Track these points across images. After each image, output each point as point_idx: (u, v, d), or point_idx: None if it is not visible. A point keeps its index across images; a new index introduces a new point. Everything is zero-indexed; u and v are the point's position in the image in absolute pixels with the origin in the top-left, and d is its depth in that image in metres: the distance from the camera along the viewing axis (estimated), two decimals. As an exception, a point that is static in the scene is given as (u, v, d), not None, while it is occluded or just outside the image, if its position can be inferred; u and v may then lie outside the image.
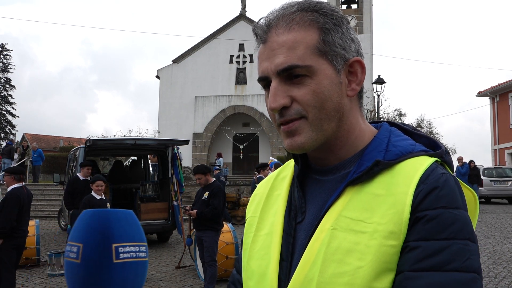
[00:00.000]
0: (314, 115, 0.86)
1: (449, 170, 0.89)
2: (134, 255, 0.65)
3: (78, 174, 9.49)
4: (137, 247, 0.66)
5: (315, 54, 0.86)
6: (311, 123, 0.87)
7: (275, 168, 6.59)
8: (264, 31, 0.89)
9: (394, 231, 0.79)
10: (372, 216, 0.81)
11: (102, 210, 0.66)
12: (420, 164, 0.84)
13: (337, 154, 0.92)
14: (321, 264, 0.82)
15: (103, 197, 7.09)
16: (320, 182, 0.94)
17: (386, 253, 0.78)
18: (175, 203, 10.65)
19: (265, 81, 0.90)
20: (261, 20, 0.91)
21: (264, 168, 10.14)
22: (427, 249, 0.76)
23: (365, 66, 0.92)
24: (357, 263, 0.79)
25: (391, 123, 0.98)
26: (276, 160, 12.55)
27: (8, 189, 5.78)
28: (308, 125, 0.87)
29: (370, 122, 0.99)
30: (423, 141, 0.94)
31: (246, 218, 1.06)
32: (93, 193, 6.98)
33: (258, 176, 10.55)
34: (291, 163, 1.04)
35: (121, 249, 0.64)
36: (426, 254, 0.76)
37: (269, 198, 1.01)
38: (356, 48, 0.91)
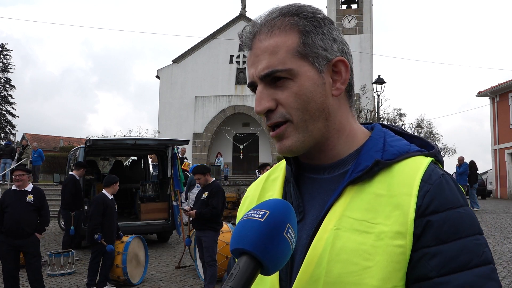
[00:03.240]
0: (298, 117, 0.88)
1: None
2: (293, 241, 0.78)
3: (73, 173, 9.51)
4: (294, 238, 0.79)
5: (296, 57, 0.88)
6: (296, 125, 0.89)
7: (193, 173, 6.76)
8: (249, 39, 0.92)
9: (400, 231, 0.81)
10: (376, 217, 0.83)
11: (288, 203, 0.82)
12: (420, 163, 0.86)
13: (330, 153, 0.94)
14: (326, 264, 0.83)
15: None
16: (316, 181, 0.94)
17: (394, 253, 0.80)
18: (174, 203, 10.64)
19: (252, 86, 0.93)
20: (247, 28, 0.93)
21: (263, 168, 10.12)
22: (448, 252, 0.79)
23: (349, 65, 0.93)
24: (364, 263, 0.80)
25: (383, 125, 1.00)
26: (195, 164, 12.69)
27: (29, 188, 6.25)
28: (293, 128, 0.89)
29: (360, 124, 1.00)
30: (415, 141, 0.96)
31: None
32: (105, 192, 7.02)
33: (257, 176, 10.53)
34: (281, 164, 1.05)
35: (290, 230, 0.77)
36: (448, 257, 0.79)
37: (261, 200, 1.02)
38: (340, 47, 0.92)
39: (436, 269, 0.78)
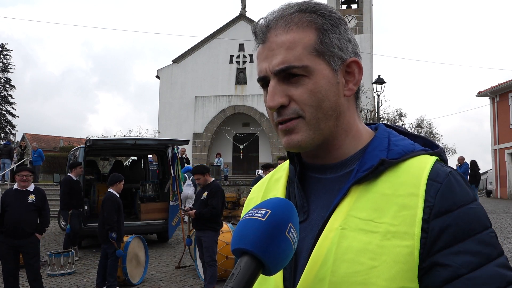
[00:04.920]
0: (311, 114, 0.88)
1: None
2: (295, 241, 0.77)
3: (70, 174, 9.49)
4: (296, 237, 0.78)
5: (313, 55, 0.87)
6: (308, 122, 0.88)
7: (193, 173, 6.79)
8: (263, 32, 0.90)
9: (407, 231, 0.80)
10: (382, 216, 0.82)
11: (290, 202, 0.81)
12: (425, 163, 0.86)
13: (335, 153, 0.93)
14: (332, 264, 0.82)
15: None
16: (321, 180, 0.94)
17: (401, 253, 0.79)
18: (171, 203, 10.63)
19: (263, 81, 0.91)
20: (261, 21, 0.92)
21: (267, 168, 10.01)
22: (471, 248, 0.79)
23: (362, 66, 0.93)
24: (370, 262, 0.80)
25: (386, 125, 1.00)
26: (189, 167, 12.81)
27: (31, 188, 6.20)
28: (305, 124, 0.88)
29: (364, 124, 1.00)
30: (419, 141, 0.95)
31: None
32: (112, 191, 6.97)
33: (257, 175, 10.46)
34: (284, 165, 1.05)
35: (292, 230, 0.76)
36: (472, 253, 0.79)
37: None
38: (354, 49, 0.93)
39: (465, 266, 0.78)
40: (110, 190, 7.02)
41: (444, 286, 0.79)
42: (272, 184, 1.04)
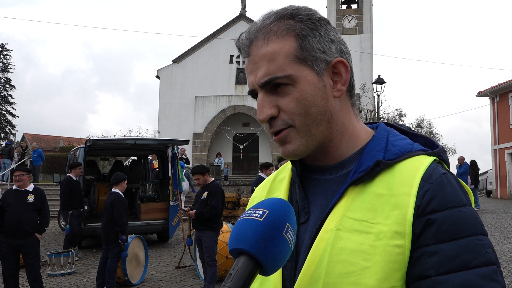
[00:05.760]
0: (300, 122, 0.88)
1: (447, 168, 0.90)
2: (292, 241, 0.77)
3: (69, 174, 9.49)
4: (293, 237, 0.78)
5: (294, 62, 0.88)
6: (299, 130, 0.89)
7: (192, 173, 6.86)
8: (246, 46, 0.91)
9: (398, 231, 0.80)
10: (376, 217, 0.82)
11: (287, 202, 0.81)
12: (420, 163, 0.85)
13: (334, 154, 0.93)
14: (326, 264, 0.83)
15: None
16: (320, 181, 0.94)
17: (392, 253, 0.79)
18: (171, 203, 10.63)
19: (253, 94, 0.93)
20: (243, 35, 0.92)
21: (267, 167, 9.98)
22: (447, 251, 0.78)
23: (349, 65, 0.92)
24: (363, 263, 0.80)
25: (387, 124, 0.99)
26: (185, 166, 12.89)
27: (30, 188, 6.22)
28: (296, 133, 0.89)
29: (365, 123, 1.00)
30: (420, 140, 0.95)
31: None
32: (118, 191, 6.93)
33: (258, 175, 10.44)
34: (288, 165, 1.05)
35: (289, 230, 0.76)
36: (448, 256, 0.78)
37: None
38: (338, 48, 0.92)
39: (435, 268, 0.77)
40: (115, 190, 6.95)
41: (411, 285, 0.79)
42: (276, 185, 1.05)
